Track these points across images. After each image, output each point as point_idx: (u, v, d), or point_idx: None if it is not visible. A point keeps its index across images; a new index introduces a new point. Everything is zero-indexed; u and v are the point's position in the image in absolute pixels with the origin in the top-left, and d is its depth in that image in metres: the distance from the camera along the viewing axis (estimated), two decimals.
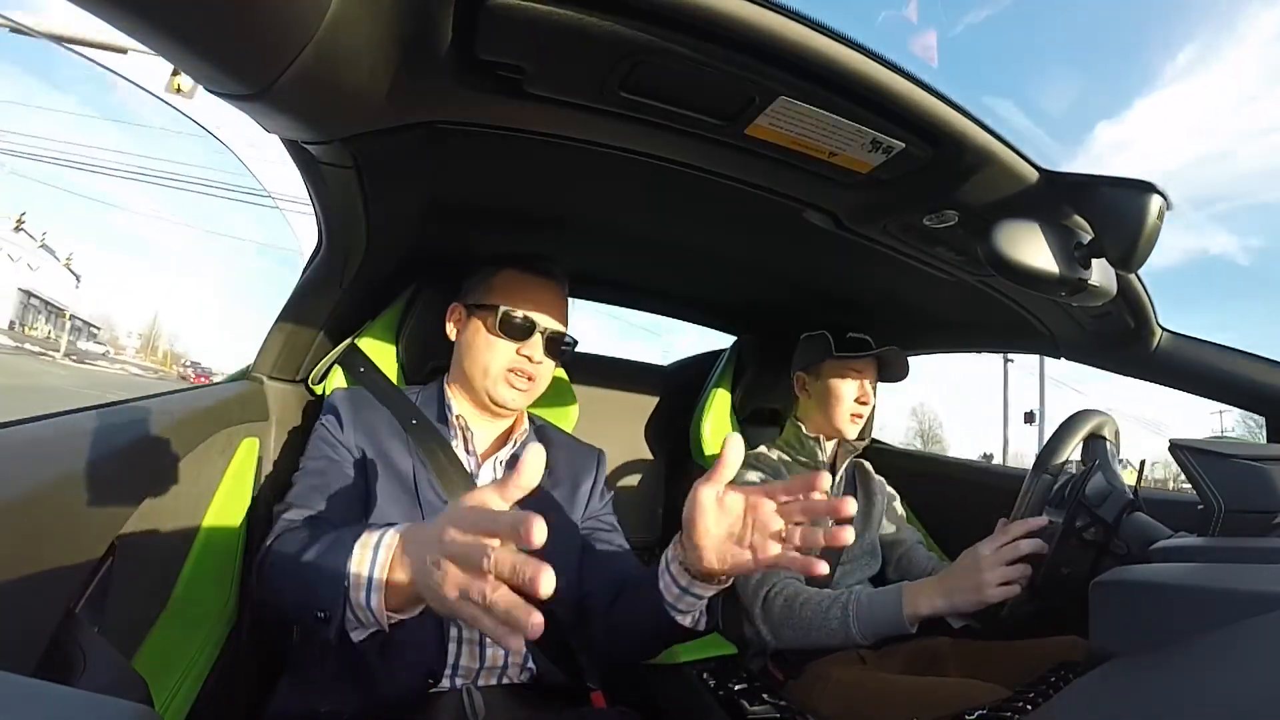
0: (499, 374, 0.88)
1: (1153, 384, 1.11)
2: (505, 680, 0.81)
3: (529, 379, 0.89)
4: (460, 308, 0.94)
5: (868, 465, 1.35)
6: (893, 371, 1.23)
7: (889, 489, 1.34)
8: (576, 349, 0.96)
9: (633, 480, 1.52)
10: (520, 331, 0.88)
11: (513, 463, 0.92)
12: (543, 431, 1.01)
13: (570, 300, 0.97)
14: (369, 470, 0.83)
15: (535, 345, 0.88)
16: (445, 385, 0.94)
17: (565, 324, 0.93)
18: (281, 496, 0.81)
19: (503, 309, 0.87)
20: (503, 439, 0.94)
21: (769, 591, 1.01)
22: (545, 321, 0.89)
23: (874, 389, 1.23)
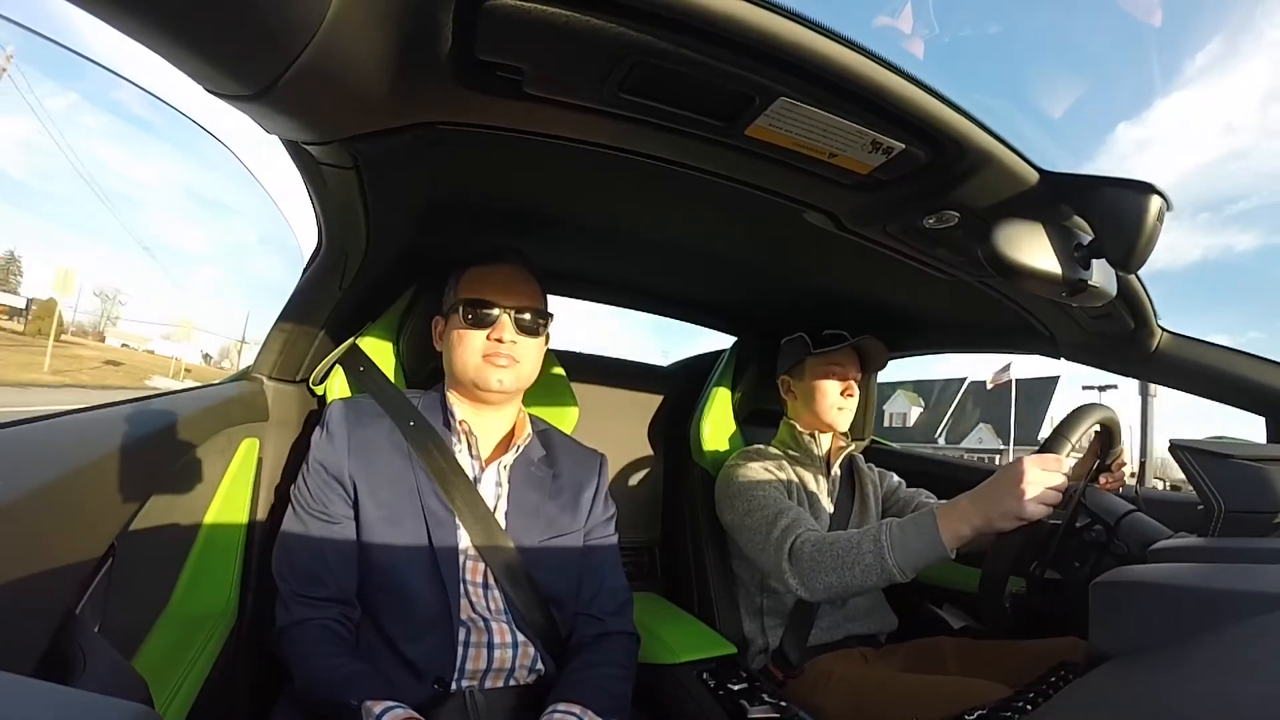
0: (478, 362, 0.89)
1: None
2: (512, 682, 0.81)
3: (509, 358, 0.90)
4: (439, 319, 0.97)
5: (861, 459, 1.36)
6: (873, 360, 1.26)
7: (887, 480, 1.35)
8: (577, 351, 0.96)
9: (633, 481, 1.52)
10: (485, 317, 0.89)
11: (517, 467, 0.92)
12: (546, 435, 1.01)
13: (571, 301, 0.97)
14: (370, 487, 0.84)
15: (503, 326, 0.89)
16: (445, 391, 0.95)
17: (534, 301, 0.94)
18: (280, 510, 0.80)
19: (465, 301, 0.90)
20: (505, 442, 0.93)
21: (795, 541, 0.97)
22: (508, 301, 0.90)
23: (859, 383, 1.25)
